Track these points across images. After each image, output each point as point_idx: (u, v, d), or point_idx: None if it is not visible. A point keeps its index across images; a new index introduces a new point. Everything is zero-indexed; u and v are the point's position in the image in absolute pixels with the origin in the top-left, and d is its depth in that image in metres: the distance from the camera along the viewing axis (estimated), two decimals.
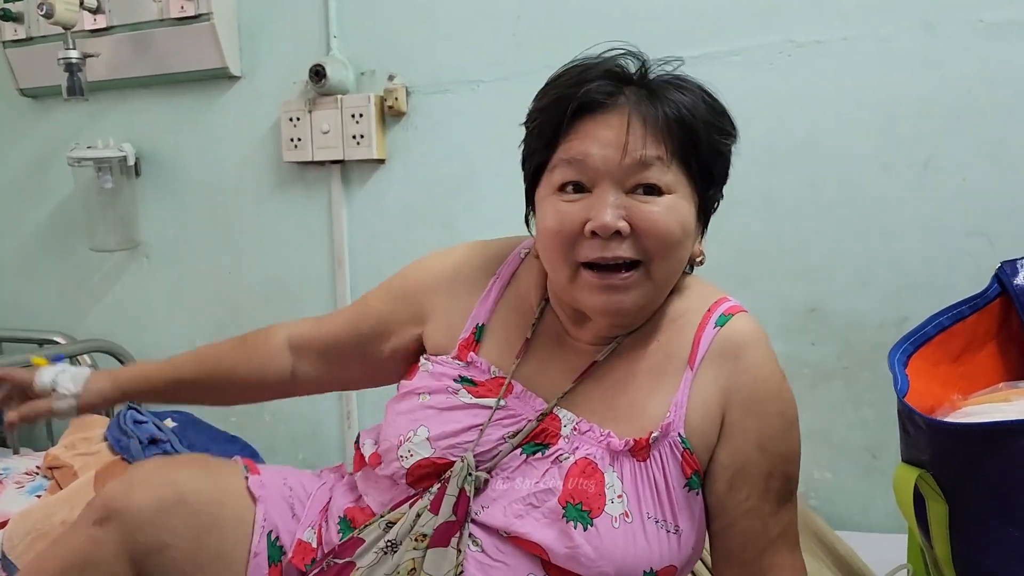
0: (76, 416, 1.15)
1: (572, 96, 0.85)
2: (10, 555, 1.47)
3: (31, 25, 2.10)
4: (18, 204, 2.28)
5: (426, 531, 0.87)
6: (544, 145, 0.88)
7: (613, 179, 0.84)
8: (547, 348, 0.96)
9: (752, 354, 0.91)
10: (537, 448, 0.90)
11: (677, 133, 0.85)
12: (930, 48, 1.54)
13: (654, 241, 0.84)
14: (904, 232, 1.59)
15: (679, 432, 0.88)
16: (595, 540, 0.83)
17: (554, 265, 0.89)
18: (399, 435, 0.92)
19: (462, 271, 1.04)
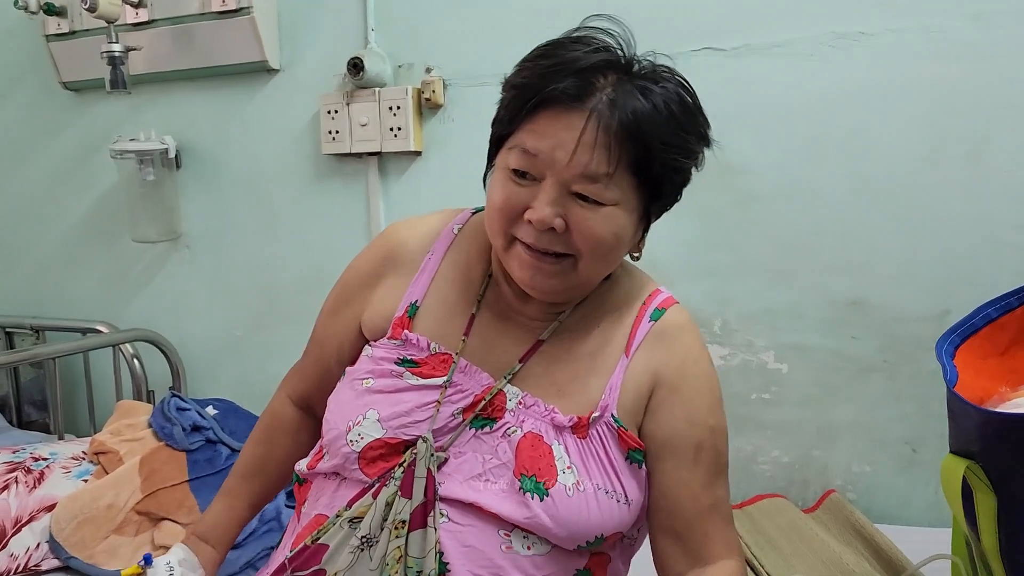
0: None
1: (541, 89, 0.84)
2: (58, 537, 1.50)
3: (74, 19, 2.13)
4: (62, 196, 2.32)
5: (404, 517, 0.88)
6: (509, 121, 0.89)
7: (559, 178, 0.85)
8: (493, 323, 0.98)
9: (681, 340, 0.97)
10: (485, 422, 0.92)
11: (630, 150, 0.85)
12: (979, 39, 1.51)
13: (586, 244, 0.87)
14: (949, 225, 1.57)
15: (612, 413, 0.92)
16: (551, 509, 0.87)
17: (493, 232, 0.91)
18: (347, 421, 0.93)
19: (392, 255, 1.04)
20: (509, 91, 0.90)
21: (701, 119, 0.92)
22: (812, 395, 1.71)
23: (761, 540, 1.52)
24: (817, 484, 1.72)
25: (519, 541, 0.89)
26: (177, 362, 2.15)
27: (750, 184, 1.69)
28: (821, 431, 1.71)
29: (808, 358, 1.70)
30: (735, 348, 1.75)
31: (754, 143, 1.68)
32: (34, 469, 1.61)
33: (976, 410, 0.85)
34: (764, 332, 1.72)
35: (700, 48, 1.69)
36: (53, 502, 1.55)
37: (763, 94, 1.66)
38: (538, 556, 0.89)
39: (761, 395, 1.74)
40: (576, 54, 0.85)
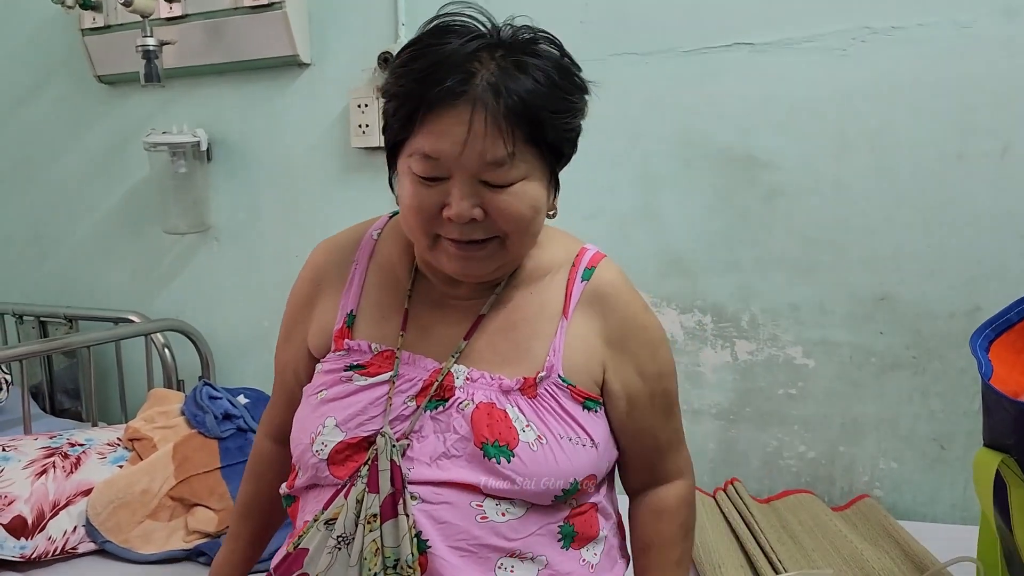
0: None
1: (424, 93, 0.84)
2: (94, 521, 1.53)
3: (109, 14, 2.15)
4: (95, 187, 2.35)
5: (374, 511, 0.90)
6: (400, 128, 0.89)
7: (466, 171, 0.86)
8: (428, 313, 1.00)
9: (617, 298, 1.00)
10: (438, 403, 0.94)
11: (523, 127, 0.86)
12: (1010, 34, 1.52)
13: (508, 224, 0.89)
14: (977, 222, 1.57)
15: (559, 373, 0.95)
16: (520, 467, 0.90)
17: (415, 236, 0.93)
18: (309, 433, 0.96)
19: (319, 275, 1.07)
20: (391, 100, 0.89)
21: (577, 75, 0.92)
22: (838, 391, 1.71)
23: (784, 535, 1.53)
24: (843, 480, 1.73)
25: (493, 509, 0.91)
26: (206, 352, 2.18)
27: (777, 179, 1.70)
28: (847, 427, 1.71)
29: (834, 353, 1.71)
30: (761, 343, 1.75)
31: (782, 138, 1.68)
32: (71, 454, 1.64)
33: (1012, 403, 0.86)
34: (790, 327, 1.73)
35: (731, 43, 1.69)
36: (90, 487, 1.58)
37: (792, 89, 1.67)
38: (514, 520, 0.92)
39: (788, 390, 1.75)
40: (449, 47, 0.85)
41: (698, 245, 1.78)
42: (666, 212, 1.79)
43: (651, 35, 1.76)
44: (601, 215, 1.84)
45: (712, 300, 1.78)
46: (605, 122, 1.81)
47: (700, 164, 1.75)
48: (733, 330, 1.77)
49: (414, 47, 0.88)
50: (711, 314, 1.79)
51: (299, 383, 1.07)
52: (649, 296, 1.82)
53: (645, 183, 1.80)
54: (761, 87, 1.69)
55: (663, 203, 1.79)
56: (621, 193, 1.82)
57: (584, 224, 1.84)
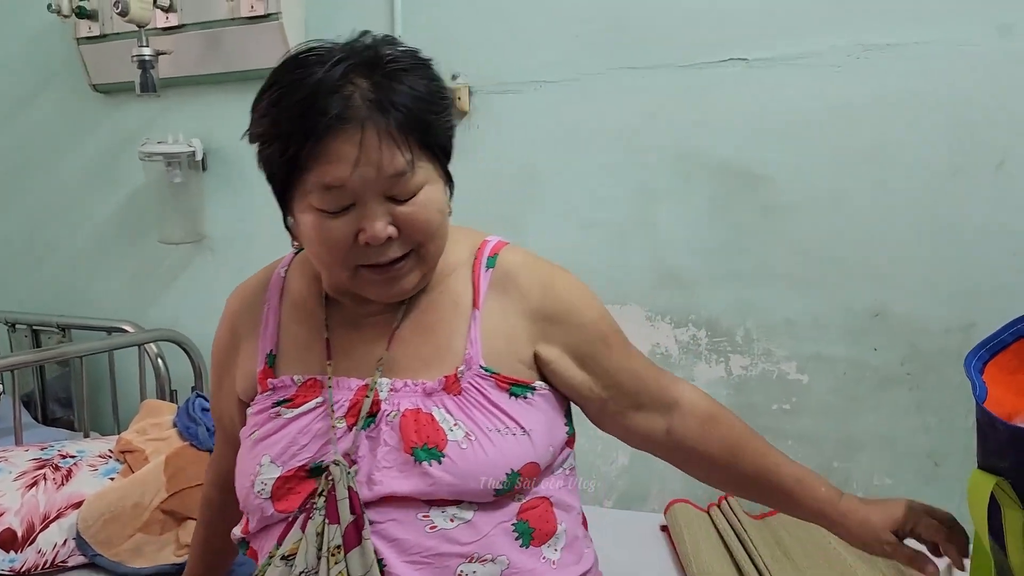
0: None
1: (308, 128, 0.83)
2: (84, 534, 1.52)
3: (105, 23, 2.15)
4: (90, 196, 2.34)
5: (337, 542, 0.89)
6: (289, 169, 0.86)
7: (373, 192, 0.86)
8: (348, 336, 1.00)
9: (526, 274, 1.00)
10: (369, 421, 0.94)
11: (416, 133, 0.87)
12: (1006, 51, 1.52)
13: (421, 234, 0.90)
14: (973, 237, 1.58)
15: (480, 364, 0.95)
16: (452, 467, 0.89)
17: (333, 271, 0.92)
18: (249, 476, 0.95)
19: (235, 322, 1.07)
20: (270, 144, 0.87)
21: (439, 76, 0.92)
22: (833, 406, 1.71)
23: (778, 551, 1.52)
24: None
25: (440, 517, 0.90)
26: (200, 362, 2.17)
27: (773, 193, 1.70)
28: (841, 443, 1.71)
29: (829, 369, 1.71)
30: (755, 358, 1.75)
31: (778, 152, 1.68)
32: (62, 466, 1.63)
33: (1006, 426, 0.85)
34: (785, 342, 1.73)
35: (727, 58, 1.70)
36: (80, 499, 1.57)
37: (788, 104, 1.67)
38: (464, 524, 0.91)
39: (782, 406, 1.74)
40: (315, 76, 0.84)
41: (693, 258, 1.78)
42: (662, 225, 1.79)
43: (648, 49, 1.76)
44: (597, 227, 1.83)
45: (706, 314, 1.78)
46: (602, 135, 1.81)
47: (696, 177, 1.75)
48: (727, 345, 1.77)
49: (277, 87, 0.86)
50: (705, 328, 1.78)
51: (236, 430, 1.07)
52: (644, 309, 1.82)
53: (641, 196, 1.80)
54: (757, 102, 1.69)
55: (659, 216, 1.79)
56: (617, 205, 1.81)
57: (580, 235, 1.85)
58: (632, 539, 1.64)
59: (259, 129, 0.89)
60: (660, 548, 1.63)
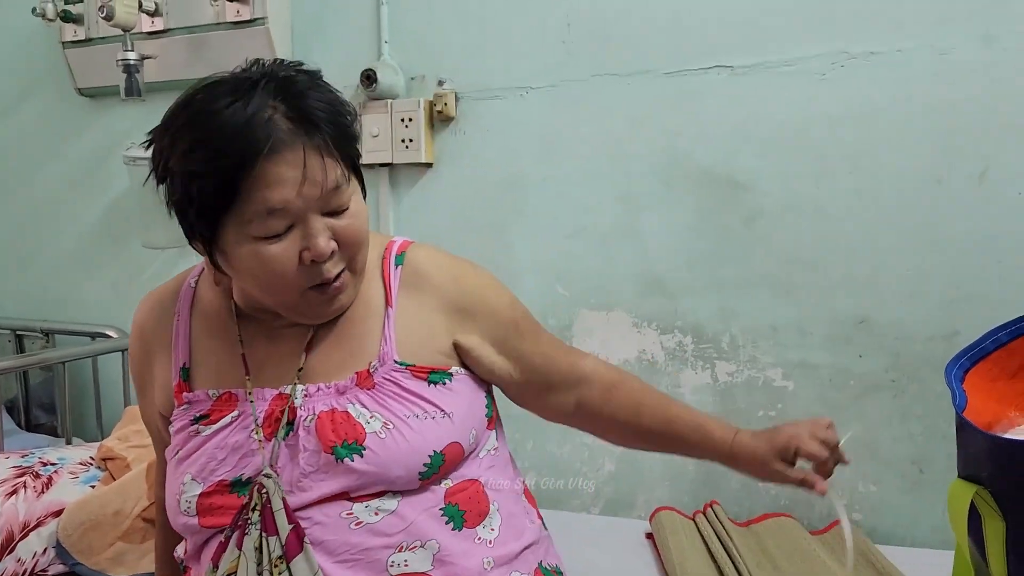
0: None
1: (241, 160, 0.82)
2: (65, 543, 1.51)
3: (90, 27, 2.15)
4: (74, 201, 2.33)
5: (278, 553, 0.89)
6: (223, 202, 0.84)
7: (313, 209, 0.87)
8: (263, 349, 1.00)
9: (435, 270, 1.03)
10: (288, 429, 0.94)
11: (344, 149, 0.89)
12: (988, 60, 1.52)
13: (355, 246, 0.92)
14: (957, 245, 1.58)
15: (394, 359, 0.96)
16: (374, 458, 0.91)
17: (275, 297, 0.92)
18: (175, 496, 0.96)
19: (145, 334, 1.06)
20: (199, 180, 0.83)
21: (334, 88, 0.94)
22: (817, 413, 1.70)
23: (763, 559, 1.52)
24: (822, 504, 1.72)
25: (363, 512, 0.91)
26: None
27: (757, 200, 1.70)
28: None
29: (813, 376, 1.71)
30: (741, 364, 1.75)
31: (762, 160, 1.69)
32: (42, 474, 1.61)
33: (985, 436, 0.86)
34: (770, 349, 1.73)
35: (711, 66, 1.70)
36: (61, 507, 1.56)
37: (772, 112, 1.67)
38: (388, 515, 0.91)
39: (767, 412, 1.74)
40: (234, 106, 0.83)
41: (679, 265, 1.78)
42: (647, 232, 1.79)
43: (632, 57, 1.76)
44: (582, 234, 1.83)
45: (692, 321, 1.78)
46: (586, 142, 1.81)
47: (681, 185, 1.75)
48: (713, 351, 1.77)
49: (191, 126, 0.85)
50: (691, 335, 1.78)
51: (164, 437, 1.06)
52: (630, 316, 1.82)
53: (626, 203, 1.80)
54: (742, 109, 1.69)
55: (644, 223, 1.79)
56: (602, 212, 1.81)
57: (565, 243, 1.85)
58: (618, 546, 1.63)
59: (182, 168, 0.85)
60: (645, 555, 1.62)
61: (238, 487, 0.93)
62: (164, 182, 0.90)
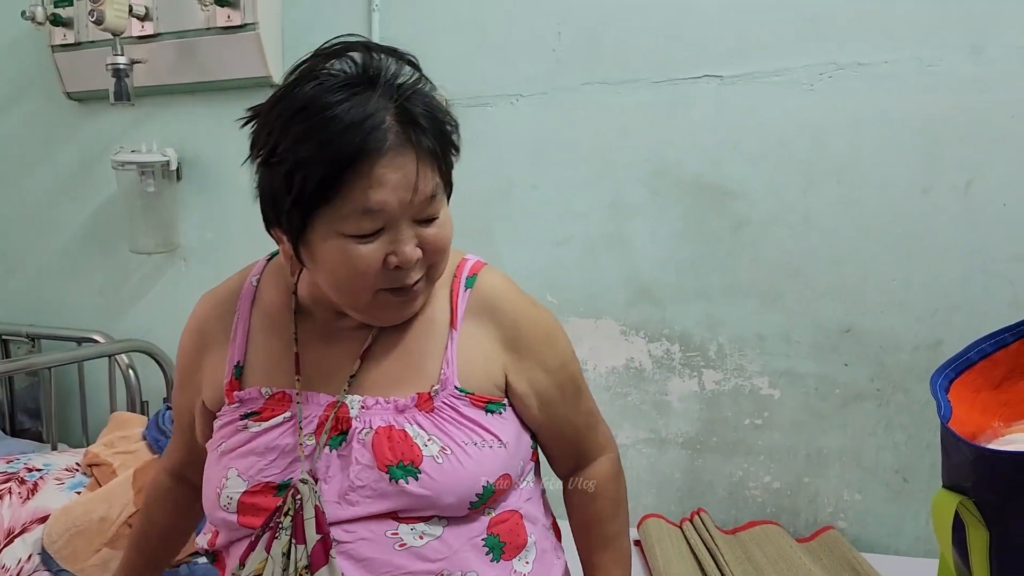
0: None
1: (352, 154, 0.82)
2: (49, 549, 1.50)
3: (80, 30, 2.13)
4: (62, 205, 2.32)
5: (304, 562, 0.88)
6: (322, 193, 0.84)
7: (406, 215, 0.87)
8: (319, 350, 0.99)
9: (504, 301, 1.01)
10: (340, 439, 0.93)
11: (442, 157, 0.89)
12: (975, 72, 1.54)
13: (437, 255, 0.91)
14: (942, 255, 1.59)
15: (455, 384, 0.95)
16: (429, 483, 0.89)
17: (351, 297, 0.91)
18: (215, 488, 0.95)
19: (203, 330, 1.05)
20: (301, 168, 0.83)
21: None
22: (803, 421, 1.72)
23: (749, 567, 1.53)
24: (808, 511, 1.73)
25: (409, 534, 0.90)
26: (171, 374, 2.15)
27: (745, 209, 1.71)
28: (811, 458, 1.72)
29: (799, 384, 1.72)
30: (728, 373, 1.76)
31: (750, 169, 1.70)
32: (28, 480, 1.60)
33: (969, 446, 0.86)
34: (756, 357, 1.74)
35: (701, 75, 1.71)
36: (46, 514, 1.55)
37: (760, 121, 1.68)
38: (434, 541, 0.90)
39: (754, 420, 1.75)
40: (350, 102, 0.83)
41: (667, 274, 1.79)
42: (636, 240, 1.80)
43: (623, 65, 1.77)
44: (571, 242, 1.84)
45: (680, 329, 1.79)
46: (576, 150, 1.82)
47: (670, 193, 1.76)
48: (700, 359, 1.78)
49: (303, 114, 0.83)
50: (679, 343, 1.79)
51: (194, 430, 1.08)
52: (618, 324, 1.83)
53: (615, 211, 1.80)
54: (730, 119, 1.70)
55: (633, 231, 1.80)
56: (591, 220, 1.82)
57: (554, 251, 1.85)
58: None
59: (291, 154, 0.84)
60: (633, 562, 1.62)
61: (283, 490, 0.92)
62: (265, 166, 0.88)
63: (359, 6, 1.96)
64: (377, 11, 1.94)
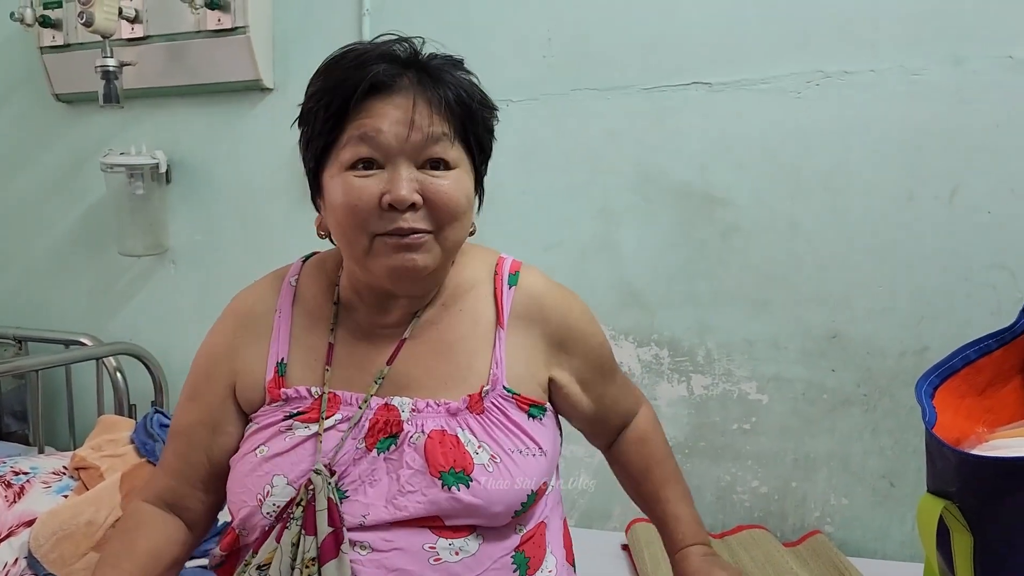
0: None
1: (359, 77, 0.87)
2: (36, 554, 1.49)
3: (69, 32, 2.13)
4: (50, 207, 2.31)
5: (312, 554, 0.88)
6: (331, 126, 0.89)
7: (405, 154, 0.88)
8: (355, 346, 0.99)
9: (550, 303, 1.03)
10: (389, 442, 0.93)
11: (458, 112, 0.91)
12: (958, 82, 1.56)
13: (444, 212, 0.90)
14: (927, 263, 1.61)
15: (504, 384, 0.96)
16: (480, 492, 0.89)
17: (350, 239, 0.90)
18: (256, 495, 0.92)
19: (243, 324, 1.02)
20: (318, 99, 0.90)
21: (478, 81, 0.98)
22: (791, 426, 1.73)
23: None
24: (795, 516, 1.74)
25: (446, 549, 0.90)
26: (160, 377, 2.14)
27: (733, 216, 1.73)
28: (799, 463, 1.73)
29: (787, 389, 1.73)
30: (716, 378, 1.77)
31: (738, 176, 1.71)
32: (14, 483, 1.59)
33: (953, 452, 0.88)
34: (744, 363, 1.75)
35: (689, 83, 1.72)
36: (33, 517, 1.54)
37: (748, 129, 1.70)
38: (468, 558, 0.91)
39: (741, 425, 1.76)
40: (373, 46, 0.91)
41: (655, 279, 1.80)
42: (625, 246, 1.81)
43: (612, 72, 1.78)
44: (560, 247, 1.85)
45: (669, 334, 1.80)
46: (565, 155, 1.83)
47: (658, 199, 1.77)
48: (689, 364, 1.79)
49: (329, 61, 0.92)
50: (668, 348, 1.80)
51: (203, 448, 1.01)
52: (608, 329, 1.83)
53: (604, 216, 1.81)
54: (718, 126, 1.72)
55: (622, 236, 1.81)
56: (581, 226, 1.83)
57: (544, 256, 1.86)
58: (594, 557, 1.63)
59: (312, 88, 0.91)
60: (621, 566, 1.64)
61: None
62: (300, 123, 0.94)
63: (350, 10, 1.96)
64: (368, 15, 1.95)
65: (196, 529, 1.06)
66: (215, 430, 1.01)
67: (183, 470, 1.03)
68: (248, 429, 0.99)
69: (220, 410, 1.01)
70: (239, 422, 1.01)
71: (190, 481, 1.03)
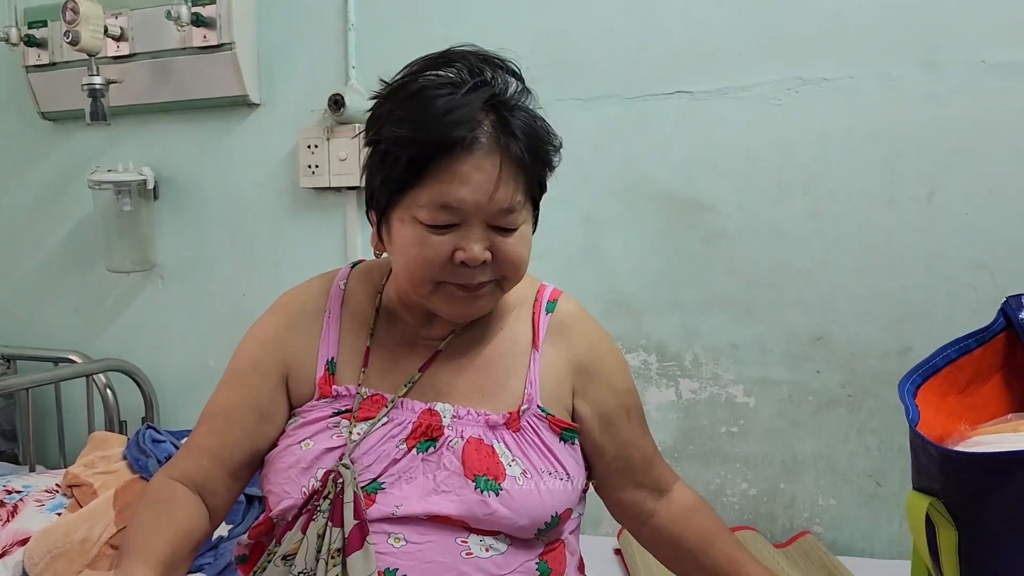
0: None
1: (437, 141, 0.87)
2: (31, 572, 1.49)
3: (54, 51, 2.13)
4: (38, 225, 2.31)
5: (337, 545, 0.90)
6: (412, 176, 0.89)
7: (481, 218, 0.90)
8: (392, 350, 1.02)
9: (581, 327, 1.07)
10: (429, 444, 0.96)
11: (531, 169, 0.93)
12: (934, 87, 1.59)
13: (510, 267, 0.94)
14: (908, 264, 1.64)
15: (538, 404, 1.00)
16: (509, 501, 0.93)
17: (415, 281, 0.93)
18: (301, 488, 0.94)
19: (296, 316, 1.05)
20: (401, 145, 0.89)
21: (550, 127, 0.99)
22: (778, 428, 1.75)
23: None
24: (784, 517, 1.76)
25: (477, 545, 0.93)
26: (150, 393, 2.14)
27: (717, 222, 1.75)
28: (787, 464, 1.75)
29: (774, 392, 1.75)
30: (704, 382, 1.79)
31: (721, 182, 1.74)
32: (7, 502, 1.59)
33: (937, 449, 0.89)
34: (731, 366, 1.77)
35: (672, 91, 1.75)
36: (27, 536, 1.54)
37: (730, 136, 1.72)
38: (497, 556, 0.94)
39: (729, 428, 1.78)
40: (456, 98, 0.88)
41: (642, 285, 1.82)
42: (611, 253, 1.83)
43: (595, 82, 1.81)
44: (549, 256, 1.86)
45: (656, 339, 1.82)
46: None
47: (643, 206, 1.80)
48: (677, 369, 1.81)
49: (412, 100, 0.90)
50: (655, 353, 1.82)
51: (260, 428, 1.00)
52: None
53: (590, 225, 1.83)
54: (701, 133, 1.74)
55: (608, 244, 1.83)
56: (568, 234, 1.85)
57: (533, 265, 1.85)
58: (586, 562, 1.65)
59: (389, 133, 0.90)
60: (613, 571, 1.65)
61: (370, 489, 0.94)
62: (369, 146, 0.95)
63: (335, 25, 1.98)
64: (353, 30, 1.96)
65: (214, 519, 1.02)
66: (262, 417, 1.01)
67: (218, 451, 1.00)
68: (291, 423, 1.01)
69: (270, 398, 1.02)
70: (286, 414, 1.03)
71: (223, 463, 1.00)
